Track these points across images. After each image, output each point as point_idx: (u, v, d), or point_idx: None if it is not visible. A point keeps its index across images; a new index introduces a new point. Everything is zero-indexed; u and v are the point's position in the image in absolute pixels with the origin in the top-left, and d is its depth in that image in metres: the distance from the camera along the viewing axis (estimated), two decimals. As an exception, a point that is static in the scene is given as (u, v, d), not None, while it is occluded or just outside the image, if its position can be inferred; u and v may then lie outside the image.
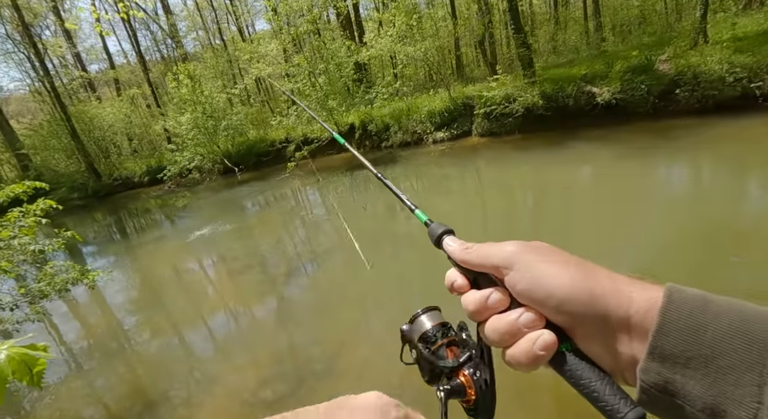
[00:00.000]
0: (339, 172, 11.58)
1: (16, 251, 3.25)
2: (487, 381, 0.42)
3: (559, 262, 0.37)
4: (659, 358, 0.31)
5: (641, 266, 3.62)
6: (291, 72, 15.48)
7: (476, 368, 0.43)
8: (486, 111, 10.31)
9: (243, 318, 4.72)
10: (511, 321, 0.37)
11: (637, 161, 6.43)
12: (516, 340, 0.37)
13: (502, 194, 6.88)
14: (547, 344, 0.35)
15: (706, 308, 0.30)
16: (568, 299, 0.35)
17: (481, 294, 0.40)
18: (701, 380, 0.29)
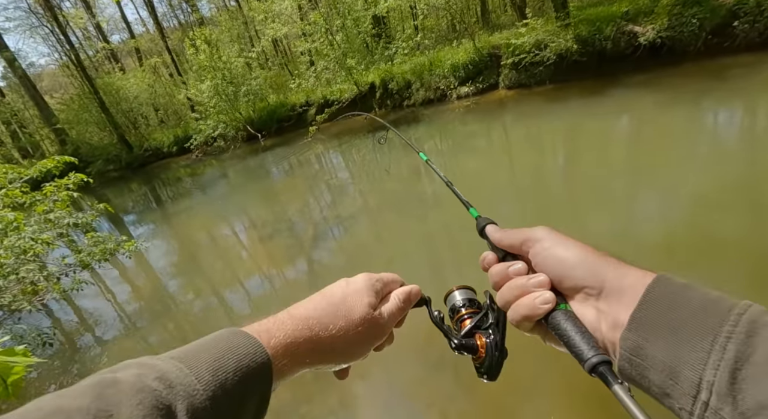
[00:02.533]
0: (361, 134, 11.38)
1: (53, 225, 3.43)
2: (498, 344, 0.49)
3: (574, 244, 0.45)
4: (635, 328, 0.36)
5: (684, 223, 3.40)
6: (307, 31, 14.90)
7: (492, 332, 0.50)
8: (514, 61, 9.62)
9: (276, 279, 4.89)
10: (524, 282, 0.45)
11: (685, 109, 5.88)
12: (523, 296, 0.44)
13: (531, 151, 6.55)
14: (547, 299, 0.42)
15: (684, 293, 0.36)
16: (574, 267, 0.42)
17: (505, 264, 0.48)
18: (665, 346, 0.34)
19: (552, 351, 0.46)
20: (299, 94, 15.82)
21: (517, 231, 0.49)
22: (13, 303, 3.47)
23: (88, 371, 4.07)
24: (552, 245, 0.45)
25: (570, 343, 0.40)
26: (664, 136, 5.29)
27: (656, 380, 0.34)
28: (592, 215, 4.05)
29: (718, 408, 0.30)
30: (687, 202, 3.69)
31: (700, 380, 0.31)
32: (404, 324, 0.60)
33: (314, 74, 15.19)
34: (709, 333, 0.32)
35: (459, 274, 3.76)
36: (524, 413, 2.28)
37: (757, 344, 0.30)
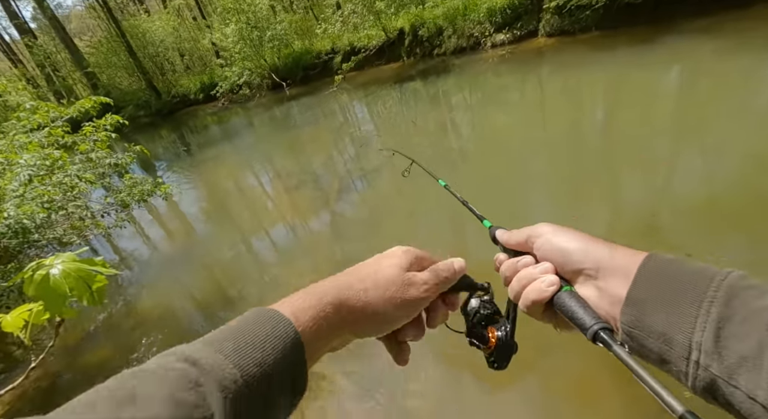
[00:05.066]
0: (387, 85, 10.97)
1: (95, 164, 3.58)
2: (508, 335, 0.53)
3: (573, 234, 0.49)
4: (632, 303, 0.40)
5: (730, 185, 3.18)
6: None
7: (503, 324, 0.54)
8: (558, 4, 8.75)
9: (301, 230, 5.04)
10: (529, 271, 0.49)
11: (750, 57, 5.27)
12: (530, 284, 0.48)
13: (568, 106, 6.16)
14: (552, 281, 0.47)
15: (673, 267, 0.40)
16: (572, 252, 0.47)
17: (514, 260, 0.53)
18: (659, 316, 0.38)
19: (550, 344, 0.45)
20: (325, 41, 15.20)
21: (522, 230, 0.54)
22: (63, 237, 3.75)
23: (127, 309, 4.46)
24: (552, 236, 0.50)
25: (574, 317, 0.44)
26: (720, 88, 4.82)
27: (654, 348, 0.38)
28: (628, 176, 3.86)
29: (707, 365, 0.34)
30: (736, 161, 3.43)
31: (690, 342, 0.35)
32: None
33: (341, 19, 14.43)
34: (695, 300, 0.36)
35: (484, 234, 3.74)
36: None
37: (736, 305, 0.34)
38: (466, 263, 0.55)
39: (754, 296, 0.34)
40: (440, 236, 3.88)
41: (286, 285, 3.83)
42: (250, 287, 4.04)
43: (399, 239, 2.62)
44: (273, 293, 3.72)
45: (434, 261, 0.55)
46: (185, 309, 4.01)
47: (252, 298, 3.81)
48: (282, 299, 0.45)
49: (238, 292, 4.02)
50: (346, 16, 14.28)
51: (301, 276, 3.90)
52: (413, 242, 1.90)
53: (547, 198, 4.06)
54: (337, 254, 4.11)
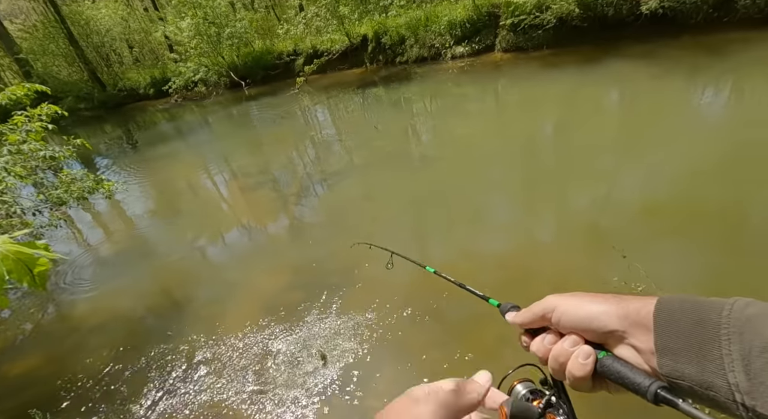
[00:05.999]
0: (350, 89, 10.98)
1: (27, 157, 3.24)
2: (568, 416, 0.50)
3: (581, 299, 0.49)
4: (664, 353, 0.40)
5: (668, 194, 3.50)
6: (298, -30, 13.79)
7: (558, 407, 0.51)
8: (513, 22, 9.27)
9: (259, 232, 4.87)
10: (560, 348, 0.49)
11: (680, 83, 5.88)
12: (568, 360, 0.47)
13: (523, 117, 6.49)
14: (586, 353, 0.46)
15: (683, 310, 0.40)
16: (592, 319, 0.46)
17: (540, 338, 0.53)
18: (691, 362, 0.38)
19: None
20: (287, 42, 14.95)
21: (532, 308, 0.54)
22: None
23: (60, 316, 4.07)
24: (566, 308, 0.49)
25: (626, 382, 0.43)
26: (657, 109, 5.32)
27: (703, 395, 0.37)
28: (578, 183, 4.13)
29: (752, 406, 0.33)
30: (670, 173, 3.79)
31: (728, 384, 0.35)
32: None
33: (304, 21, 14.29)
34: (713, 339, 0.36)
35: (445, 237, 3.83)
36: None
37: (750, 337, 0.34)
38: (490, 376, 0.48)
39: (763, 323, 0.34)
40: (405, 241, 3.91)
41: (240, 287, 3.67)
42: (200, 290, 3.83)
43: (366, 239, 2.56)
44: (225, 299, 3.55)
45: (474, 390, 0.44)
46: (128, 315, 3.72)
47: (201, 301, 3.61)
48: None
49: (187, 296, 3.80)
50: (309, 19, 14.16)
51: (257, 278, 3.76)
52: (377, 242, 1.85)
53: (504, 202, 4.23)
54: (297, 258, 4.01)
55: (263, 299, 3.40)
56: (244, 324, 3.12)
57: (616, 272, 2.65)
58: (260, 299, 3.42)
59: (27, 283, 0.82)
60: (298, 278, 3.61)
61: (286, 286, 3.52)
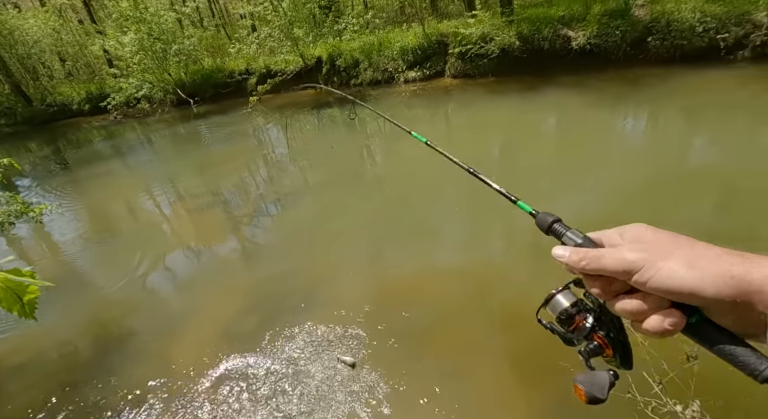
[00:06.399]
0: (304, 109, 10.97)
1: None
2: (621, 339, 0.48)
3: (683, 256, 0.39)
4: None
5: (602, 209, 3.82)
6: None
7: (608, 329, 0.49)
8: (461, 51, 9.87)
9: (209, 256, 4.60)
10: (638, 305, 0.41)
11: (606, 111, 6.53)
12: (645, 318, 0.41)
13: (471, 139, 6.84)
14: (676, 322, 0.40)
15: None
16: (697, 291, 0.38)
17: (605, 280, 0.44)
18: None
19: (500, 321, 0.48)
20: (239, 61, 14.73)
21: (606, 256, 0.43)
22: None
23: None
24: (658, 275, 0.39)
25: (729, 357, 0.38)
26: (588, 134, 5.86)
27: None
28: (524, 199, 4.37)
29: None
30: (603, 193, 4.15)
31: None
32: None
33: (257, 41, 14.20)
34: None
35: (401, 255, 3.86)
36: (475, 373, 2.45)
37: None
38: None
39: None
40: (360, 263, 3.89)
41: (191, 316, 3.42)
42: (145, 322, 3.51)
43: (321, 265, 2.58)
44: (175, 329, 3.29)
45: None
46: (58, 356, 3.30)
47: (147, 335, 3.31)
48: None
49: (130, 329, 3.46)
50: (263, 39, 14.10)
51: (210, 305, 3.53)
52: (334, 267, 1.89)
53: (456, 220, 4.37)
54: (252, 281, 3.83)
55: (217, 326, 3.19)
56: (198, 356, 2.89)
57: (560, 282, 2.81)
58: (214, 326, 3.20)
59: (17, 312, 0.78)
60: (254, 301, 3.44)
61: (242, 311, 3.34)
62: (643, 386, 1.45)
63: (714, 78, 6.81)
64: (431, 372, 2.45)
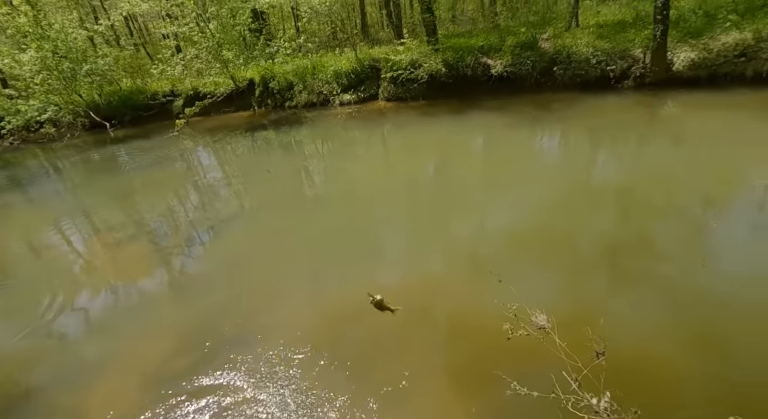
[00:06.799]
0: (237, 132, 10.62)
1: None
2: None
3: None
4: None
5: (527, 221, 4.17)
6: (173, 12, 13.22)
7: None
8: (393, 76, 10.34)
9: (131, 293, 4.17)
10: None
11: (526, 130, 7.22)
12: None
13: (408, 159, 7.12)
14: None
15: None
16: None
17: None
18: None
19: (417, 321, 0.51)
20: (163, 82, 13.91)
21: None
22: None
23: None
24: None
25: None
26: (512, 153, 6.41)
27: None
28: (456, 217, 4.63)
29: None
30: (528, 207, 4.54)
31: None
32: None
33: (182, 62, 13.56)
34: None
35: (342, 273, 3.84)
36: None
37: None
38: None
39: None
40: (299, 289, 3.80)
41: (110, 363, 3.05)
42: (56, 374, 3.05)
43: (258, 294, 2.52)
44: (92, 376, 2.91)
45: None
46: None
47: (57, 388, 2.88)
48: None
49: (37, 384, 2.99)
50: (189, 61, 13.51)
51: (133, 348, 3.19)
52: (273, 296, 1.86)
53: (395, 238, 4.48)
54: (183, 317, 3.54)
55: (142, 371, 2.88)
56: (119, 407, 2.57)
57: (495, 295, 2.97)
58: (138, 372, 2.89)
59: None
60: (185, 339, 3.17)
61: (171, 352, 3.06)
62: (564, 385, 1.59)
63: (608, 102, 7.89)
64: (375, 395, 2.44)
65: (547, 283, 3.25)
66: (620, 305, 2.90)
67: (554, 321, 1.80)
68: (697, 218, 3.97)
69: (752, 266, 3.14)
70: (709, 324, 2.65)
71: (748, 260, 3.21)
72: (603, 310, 2.85)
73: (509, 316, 1.89)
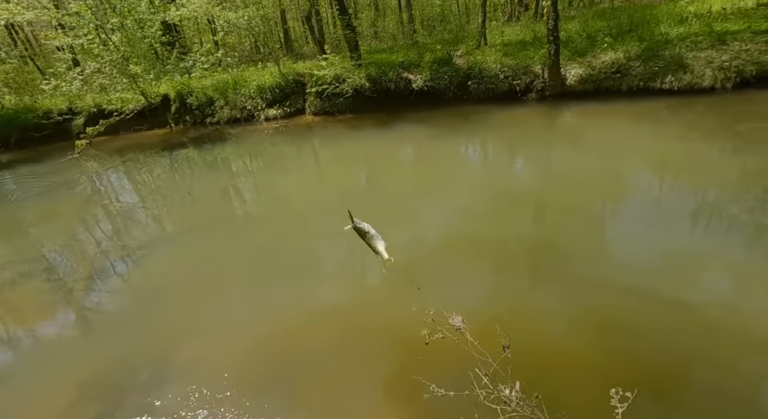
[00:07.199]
0: (153, 152, 9.82)
1: None
2: None
3: None
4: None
5: (453, 225, 4.43)
6: (66, 22, 11.93)
7: None
8: (318, 90, 10.38)
9: (26, 338, 3.61)
10: None
11: (448, 140, 7.68)
12: None
13: (340, 171, 7.17)
14: None
15: None
16: None
17: None
18: None
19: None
20: (58, 99, 12.42)
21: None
22: None
23: None
24: None
25: None
26: (436, 161, 6.77)
27: None
28: (390, 225, 4.76)
29: None
30: (454, 212, 4.83)
31: None
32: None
33: (81, 77, 12.25)
34: None
35: (276, 300, 3.74)
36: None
37: None
38: None
39: None
40: (233, 316, 3.62)
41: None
42: None
43: (177, 328, 2.39)
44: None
45: None
46: None
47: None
48: None
49: None
50: (89, 75, 12.24)
51: (31, 402, 2.76)
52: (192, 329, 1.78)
53: (329, 251, 4.47)
54: (87, 359, 3.15)
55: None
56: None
57: (414, 303, 2.98)
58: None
59: None
60: (91, 388, 2.83)
61: (74, 403, 2.71)
62: (478, 381, 1.72)
63: (517, 113, 8.73)
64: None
65: (464, 285, 3.46)
66: (527, 300, 3.18)
67: (468, 322, 1.94)
68: (595, 215, 4.55)
69: (644, 256, 3.67)
70: (606, 311, 3.00)
71: (642, 251, 3.74)
72: (510, 306, 3.11)
73: (428, 321, 1.99)
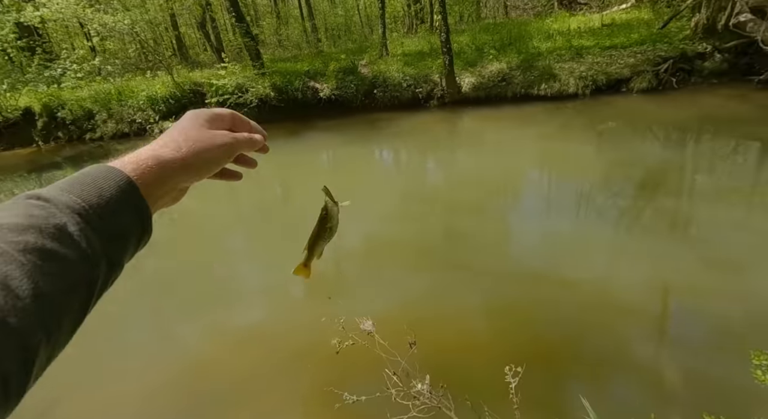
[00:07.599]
0: (16, 174, 8.30)
1: None
2: None
3: None
4: None
5: (374, 227, 4.55)
6: None
7: None
8: (219, 101, 9.80)
9: None
10: None
11: (360, 147, 7.85)
12: None
13: (255, 183, 6.85)
14: None
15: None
16: None
17: None
18: None
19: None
20: None
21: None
22: None
23: None
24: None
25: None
26: (351, 167, 6.88)
27: None
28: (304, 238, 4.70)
29: None
30: (367, 217, 4.95)
31: None
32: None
33: None
34: None
35: (193, 319, 3.45)
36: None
37: None
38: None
39: None
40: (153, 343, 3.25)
41: None
42: None
43: (76, 356, 2.09)
44: None
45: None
46: None
47: None
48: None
49: None
50: None
51: None
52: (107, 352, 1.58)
53: (243, 271, 4.27)
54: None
55: None
56: None
57: (324, 313, 2.83)
58: None
59: None
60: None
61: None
62: (390, 380, 1.82)
63: (421, 119, 9.29)
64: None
65: (376, 288, 3.57)
66: (433, 295, 3.38)
67: (378, 324, 2.00)
68: (495, 211, 5.06)
69: (535, 244, 4.17)
70: (502, 297, 3.31)
71: (534, 239, 4.23)
72: (418, 303, 3.28)
73: (339, 329, 2.02)
